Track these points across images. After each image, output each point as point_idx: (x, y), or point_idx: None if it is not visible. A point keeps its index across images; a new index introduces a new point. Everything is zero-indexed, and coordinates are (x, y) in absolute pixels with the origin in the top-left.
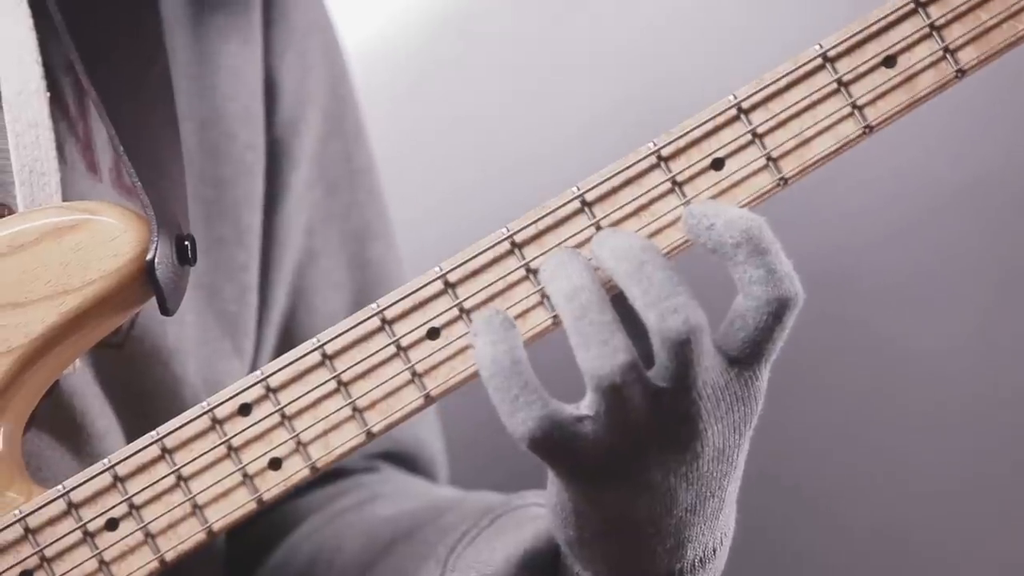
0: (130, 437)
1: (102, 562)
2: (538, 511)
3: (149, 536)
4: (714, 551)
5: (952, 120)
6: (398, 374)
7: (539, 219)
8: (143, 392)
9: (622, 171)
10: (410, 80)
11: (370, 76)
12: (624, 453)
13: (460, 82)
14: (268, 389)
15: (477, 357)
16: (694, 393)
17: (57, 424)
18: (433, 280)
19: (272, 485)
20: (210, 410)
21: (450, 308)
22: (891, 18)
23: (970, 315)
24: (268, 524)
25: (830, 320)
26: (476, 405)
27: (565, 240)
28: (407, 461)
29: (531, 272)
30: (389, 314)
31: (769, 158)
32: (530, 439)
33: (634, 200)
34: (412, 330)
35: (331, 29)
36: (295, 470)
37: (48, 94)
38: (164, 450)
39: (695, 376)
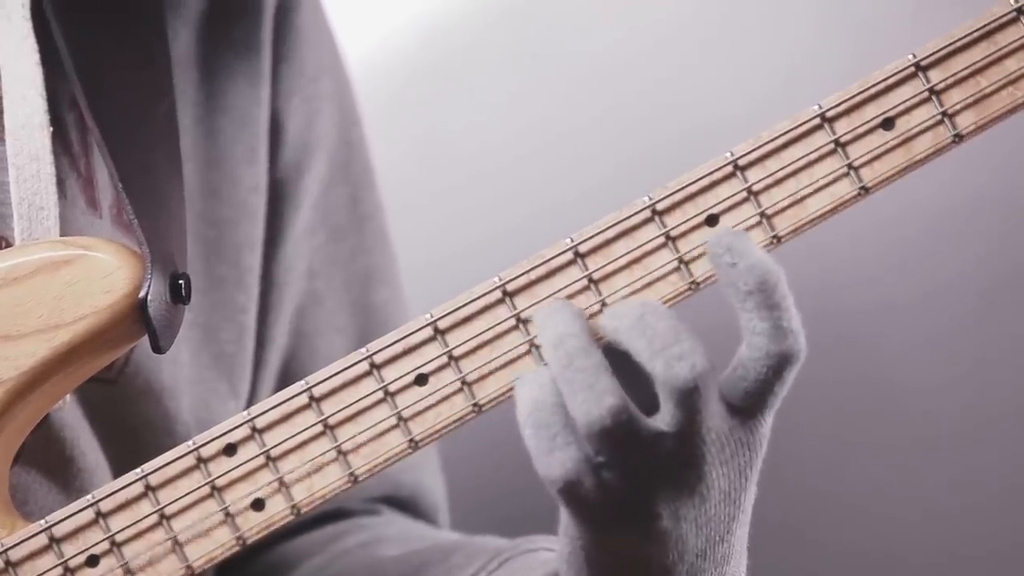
0: (119, 473)
1: None
2: (548, 555)
3: (129, 574)
4: None
5: None
6: (384, 419)
7: (532, 269)
8: (134, 428)
9: (617, 223)
10: (408, 98)
11: (367, 93)
12: (633, 498)
13: (459, 100)
14: (254, 430)
15: (519, 397)
16: (699, 438)
17: (46, 458)
18: (423, 326)
19: (254, 525)
20: (195, 449)
21: (439, 355)
22: (891, 81)
23: (961, 333)
24: (265, 564)
25: (821, 345)
26: (477, 452)
27: (557, 291)
28: (409, 506)
29: (522, 322)
30: (378, 359)
31: (764, 216)
32: (565, 481)
33: (627, 253)
34: (400, 376)
35: (343, 73)
36: (278, 511)
37: (51, 129)
38: (148, 487)
39: (701, 422)
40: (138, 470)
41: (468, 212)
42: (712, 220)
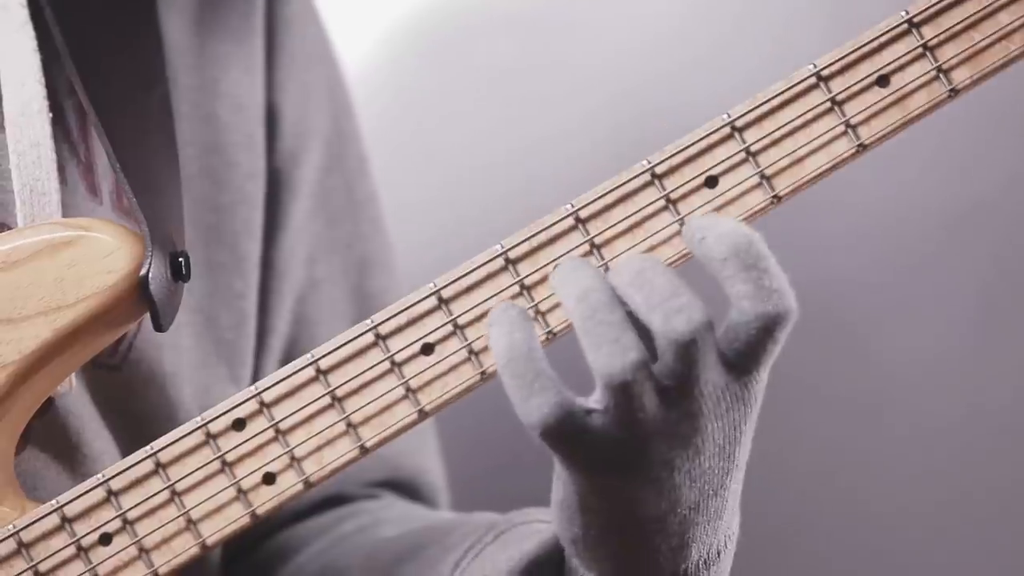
0: None
1: None
2: (541, 526)
3: (143, 551)
4: (718, 553)
5: (946, 140)
6: (392, 389)
7: (533, 236)
8: (140, 415)
9: (616, 188)
10: (404, 98)
11: (364, 93)
12: (630, 448)
13: (455, 99)
14: (262, 404)
15: (493, 345)
16: (696, 391)
17: (54, 444)
18: (427, 296)
19: (265, 500)
20: (204, 425)
21: (444, 324)
22: (884, 38)
23: (960, 332)
24: (269, 550)
25: (820, 338)
26: (473, 429)
27: (559, 257)
28: (409, 490)
29: (525, 288)
30: (383, 330)
31: (763, 176)
32: (544, 426)
33: (628, 217)
34: (406, 346)
35: (334, 62)
36: (288, 485)
37: (51, 115)
38: (158, 465)
39: (698, 375)
40: (147, 448)
41: (466, 209)
42: (711, 181)
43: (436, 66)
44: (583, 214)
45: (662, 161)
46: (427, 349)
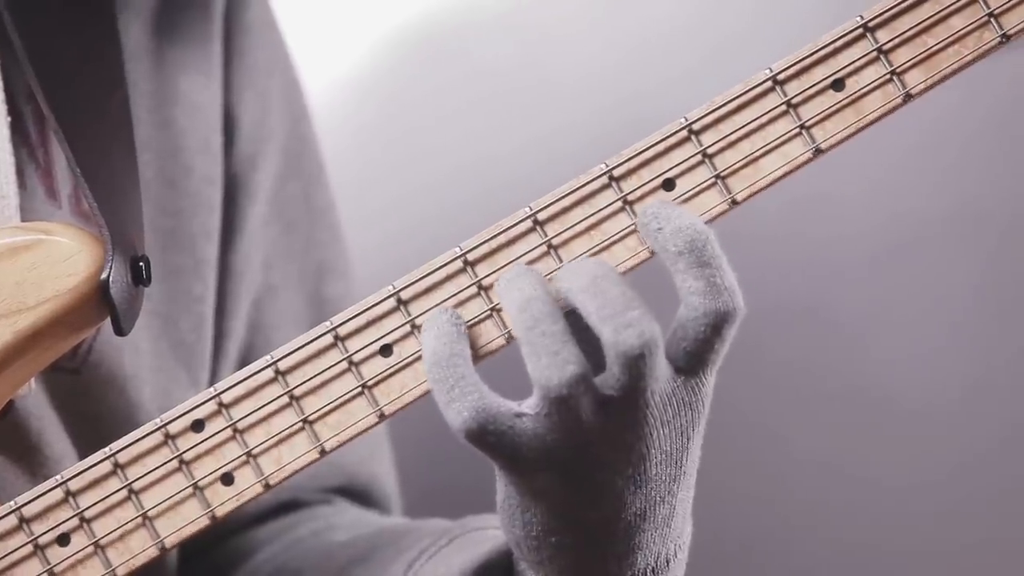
0: None
1: None
2: (496, 532)
3: (100, 550)
4: (667, 562)
5: (938, 149)
6: (350, 390)
7: (492, 238)
8: (99, 417)
9: (574, 191)
10: (373, 108)
11: (336, 98)
12: (565, 452)
13: (420, 106)
14: (221, 405)
15: (423, 352)
16: (642, 401)
17: (13, 446)
18: (387, 297)
19: (224, 500)
20: (163, 426)
21: (403, 325)
22: (839, 42)
23: (956, 332)
24: (223, 554)
25: (815, 339)
26: (429, 439)
27: (517, 258)
28: (362, 497)
29: (483, 289)
30: (342, 331)
31: (719, 178)
32: (466, 430)
33: (585, 219)
34: (365, 346)
35: (292, 70)
36: (247, 485)
37: (9, 119)
38: (116, 465)
39: (645, 387)
40: (106, 449)
41: (448, 213)
42: (668, 184)
43: (415, 71)
44: (541, 216)
45: (620, 164)
46: (385, 350)
